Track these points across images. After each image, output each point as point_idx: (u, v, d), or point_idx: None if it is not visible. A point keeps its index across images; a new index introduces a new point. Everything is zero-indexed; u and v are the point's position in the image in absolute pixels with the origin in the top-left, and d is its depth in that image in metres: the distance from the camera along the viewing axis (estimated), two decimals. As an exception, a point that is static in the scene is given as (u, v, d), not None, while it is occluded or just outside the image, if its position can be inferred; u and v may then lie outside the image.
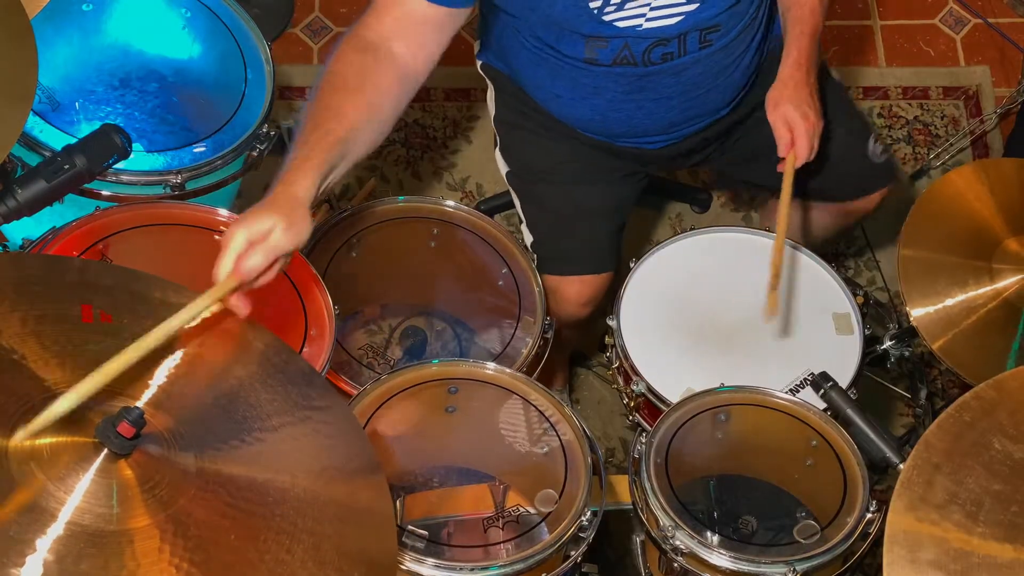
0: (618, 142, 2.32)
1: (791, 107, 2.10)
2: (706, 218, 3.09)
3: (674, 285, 2.25)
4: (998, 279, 2.15)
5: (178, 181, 2.12)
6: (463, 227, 2.32)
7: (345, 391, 2.06)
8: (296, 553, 1.41)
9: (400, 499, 1.89)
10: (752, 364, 2.15)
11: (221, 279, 1.64)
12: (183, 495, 1.39)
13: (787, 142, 2.11)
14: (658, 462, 1.94)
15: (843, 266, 3.03)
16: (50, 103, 2.12)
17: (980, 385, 1.54)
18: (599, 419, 2.83)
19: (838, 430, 1.98)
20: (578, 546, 1.87)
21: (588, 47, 2.11)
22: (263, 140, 2.23)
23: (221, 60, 2.29)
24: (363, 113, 1.86)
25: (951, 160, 3.19)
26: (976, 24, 3.41)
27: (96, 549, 1.30)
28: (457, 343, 2.27)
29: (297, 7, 3.33)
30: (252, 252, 1.66)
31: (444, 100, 3.22)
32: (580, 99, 2.22)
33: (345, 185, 3.02)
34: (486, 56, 2.39)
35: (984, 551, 1.41)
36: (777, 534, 1.93)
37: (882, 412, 2.80)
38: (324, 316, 2.01)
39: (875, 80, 3.32)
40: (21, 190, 1.84)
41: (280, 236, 1.68)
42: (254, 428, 1.51)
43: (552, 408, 1.98)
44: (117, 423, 1.36)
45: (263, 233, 1.67)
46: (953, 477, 1.46)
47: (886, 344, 2.39)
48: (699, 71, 2.18)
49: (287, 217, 1.69)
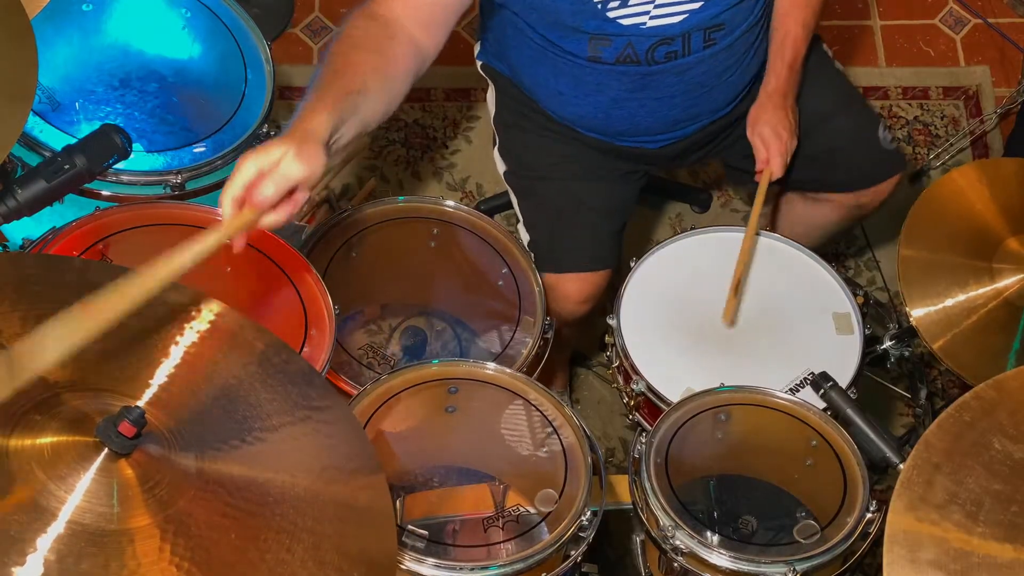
0: (619, 141, 2.33)
1: (767, 127, 2.26)
2: (706, 218, 3.09)
3: (674, 285, 2.25)
4: (998, 279, 2.15)
5: (178, 181, 2.12)
6: (463, 227, 2.32)
7: (345, 391, 2.06)
8: (296, 553, 1.41)
9: (400, 499, 1.89)
10: (752, 364, 2.15)
11: (225, 205, 1.63)
12: (183, 494, 1.39)
13: (763, 158, 2.27)
14: (658, 462, 1.94)
15: (843, 266, 3.03)
16: (50, 103, 2.12)
17: (980, 385, 1.54)
18: (599, 419, 2.83)
19: (838, 430, 1.98)
20: (578, 546, 1.87)
21: (592, 45, 2.11)
22: (263, 140, 2.22)
23: (221, 60, 2.29)
24: (378, 75, 1.86)
25: (951, 160, 3.19)
26: (976, 24, 3.41)
27: (97, 548, 1.30)
28: (457, 343, 2.27)
29: (297, 7, 3.33)
30: (264, 181, 1.65)
31: (444, 100, 3.22)
32: (582, 97, 2.22)
33: (345, 185, 3.02)
34: (486, 56, 2.39)
35: (984, 551, 1.41)
36: (777, 534, 1.93)
37: (882, 412, 2.80)
38: (324, 316, 2.01)
39: (875, 80, 3.32)
40: (21, 190, 1.84)
41: (291, 163, 1.66)
42: (254, 428, 1.51)
43: (552, 408, 1.98)
44: (118, 422, 1.36)
45: (273, 162, 1.66)
46: (953, 477, 1.46)
47: (886, 344, 2.39)
48: (703, 70, 2.18)
49: (298, 145, 1.67)
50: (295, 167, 1.67)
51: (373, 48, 1.88)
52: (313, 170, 1.69)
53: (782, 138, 2.26)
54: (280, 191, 1.66)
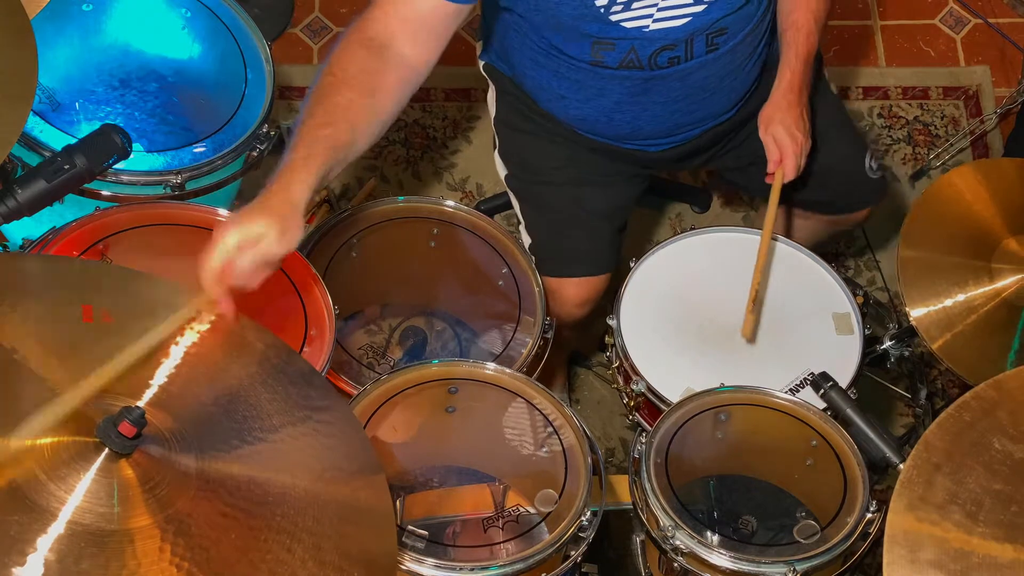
0: (620, 145, 2.32)
1: (781, 127, 2.18)
2: (706, 218, 3.09)
3: (674, 285, 2.25)
4: (998, 279, 2.15)
5: (178, 181, 2.12)
6: (463, 227, 2.32)
7: (345, 391, 2.06)
8: (296, 552, 1.41)
9: (400, 499, 1.89)
10: (752, 364, 2.15)
11: (207, 279, 1.62)
12: (184, 495, 1.39)
13: (776, 160, 2.20)
14: (658, 462, 1.94)
15: (843, 266, 3.03)
16: (50, 103, 2.12)
17: (980, 385, 1.54)
18: (599, 419, 2.83)
19: (838, 430, 1.98)
20: (578, 546, 1.87)
21: (594, 49, 2.11)
22: (263, 140, 2.23)
23: (221, 60, 2.29)
24: (368, 114, 1.86)
25: (951, 160, 3.19)
26: (976, 24, 3.41)
27: (97, 548, 1.30)
28: (457, 343, 2.27)
29: (297, 7, 3.33)
30: (241, 255, 1.65)
31: (444, 100, 3.22)
32: (584, 101, 2.22)
33: (345, 185, 3.02)
34: (488, 57, 2.39)
35: (984, 551, 1.41)
36: (777, 534, 1.93)
37: (882, 412, 2.80)
38: (324, 316, 2.01)
39: (875, 80, 3.32)
40: (21, 190, 1.84)
41: (272, 243, 1.67)
42: (254, 428, 1.51)
43: (552, 408, 1.98)
44: (118, 423, 1.36)
45: (255, 238, 1.66)
46: (953, 477, 1.46)
47: (886, 344, 2.39)
48: (705, 75, 2.18)
49: (280, 223, 1.68)
50: (276, 247, 1.68)
51: (365, 88, 1.87)
52: (291, 249, 1.71)
53: (796, 139, 2.18)
54: (255, 268, 1.67)
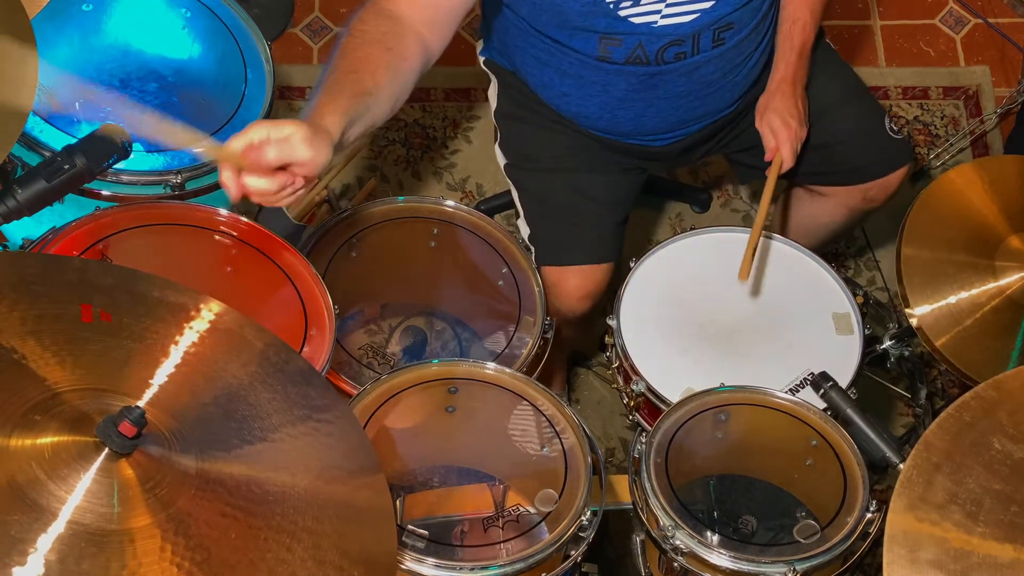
0: (623, 140, 2.32)
1: (776, 116, 2.23)
2: (706, 218, 3.09)
3: (674, 285, 2.25)
4: (1001, 276, 2.14)
5: (178, 181, 2.12)
6: (463, 227, 2.32)
7: (345, 391, 2.06)
8: (296, 552, 1.41)
9: (400, 499, 1.89)
10: (752, 364, 2.15)
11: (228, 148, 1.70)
12: (184, 494, 1.39)
13: (772, 147, 2.24)
14: (658, 462, 1.94)
15: (843, 266, 3.03)
16: (50, 103, 2.12)
17: (980, 385, 1.54)
18: (599, 419, 2.82)
19: (838, 430, 1.98)
20: (578, 546, 1.87)
21: (602, 45, 2.11)
22: (263, 140, 2.23)
23: (221, 60, 2.29)
24: (389, 72, 1.89)
25: (951, 160, 3.19)
26: (976, 24, 3.41)
27: (97, 548, 1.30)
28: (457, 343, 2.27)
29: (297, 7, 3.33)
30: (268, 146, 1.69)
31: (444, 100, 3.22)
32: (588, 97, 2.22)
33: (345, 185, 3.02)
34: (489, 52, 2.39)
35: (984, 551, 1.41)
36: (777, 534, 1.93)
37: (882, 412, 2.80)
38: (324, 316, 2.01)
39: (875, 80, 3.32)
40: (21, 190, 1.84)
41: (299, 143, 1.71)
42: (254, 428, 1.51)
43: (552, 408, 1.98)
44: (118, 422, 1.36)
45: (283, 136, 1.70)
46: (953, 477, 1.46)
47: (886, 344, 2.39)
48: (710, 70, 2.18)
49: (310, 131, 1.72)
50: (302, 148, 1.71)
51: (385, 44, 1.91)
52: (317, 158, 1.73)
53: (791, 127, 2.22)
54: (280, 161, 1.71)
